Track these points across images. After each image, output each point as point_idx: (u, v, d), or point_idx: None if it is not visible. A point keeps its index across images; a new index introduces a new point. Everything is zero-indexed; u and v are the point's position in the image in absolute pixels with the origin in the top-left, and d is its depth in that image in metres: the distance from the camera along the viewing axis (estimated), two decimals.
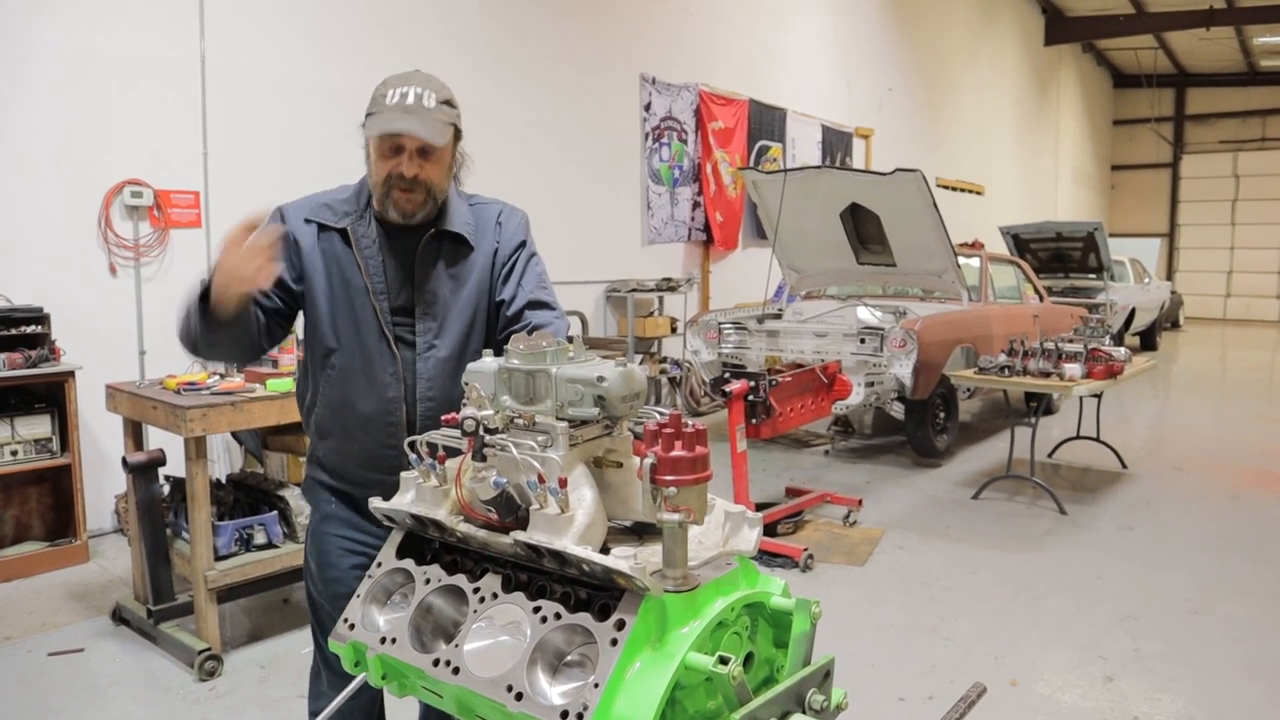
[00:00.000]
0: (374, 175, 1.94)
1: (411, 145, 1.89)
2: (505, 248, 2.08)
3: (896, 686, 3.44)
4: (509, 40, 7.58)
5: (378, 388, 1.94)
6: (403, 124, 1.85)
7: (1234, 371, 13.65)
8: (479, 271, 2.03)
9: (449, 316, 1.98)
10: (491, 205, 2.13)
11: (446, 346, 1.97)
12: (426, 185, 1.93)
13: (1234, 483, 6.53)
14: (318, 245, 1.98)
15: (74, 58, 4.97)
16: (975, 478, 6.47)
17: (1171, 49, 21.62)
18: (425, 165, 1.91)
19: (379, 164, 1.92)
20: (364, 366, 1.95)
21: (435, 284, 1.98)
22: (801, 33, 11.70)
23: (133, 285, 5.28)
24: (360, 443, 1.97)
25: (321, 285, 1.96)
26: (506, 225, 2.10)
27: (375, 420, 1.94)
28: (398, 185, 1.91)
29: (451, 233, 2.01)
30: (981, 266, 7.91)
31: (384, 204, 1.94)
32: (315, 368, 2.01)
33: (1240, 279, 23.05)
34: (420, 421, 1.93)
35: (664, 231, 9.48)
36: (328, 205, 2.01)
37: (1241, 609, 4.21)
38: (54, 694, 3.34)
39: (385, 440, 1.94)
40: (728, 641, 1.22)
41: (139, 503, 3.62)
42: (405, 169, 1.89)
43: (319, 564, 2.06)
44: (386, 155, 1.90)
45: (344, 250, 1.97)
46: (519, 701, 1.15)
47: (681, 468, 1.15)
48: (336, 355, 1.96)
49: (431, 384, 1.96)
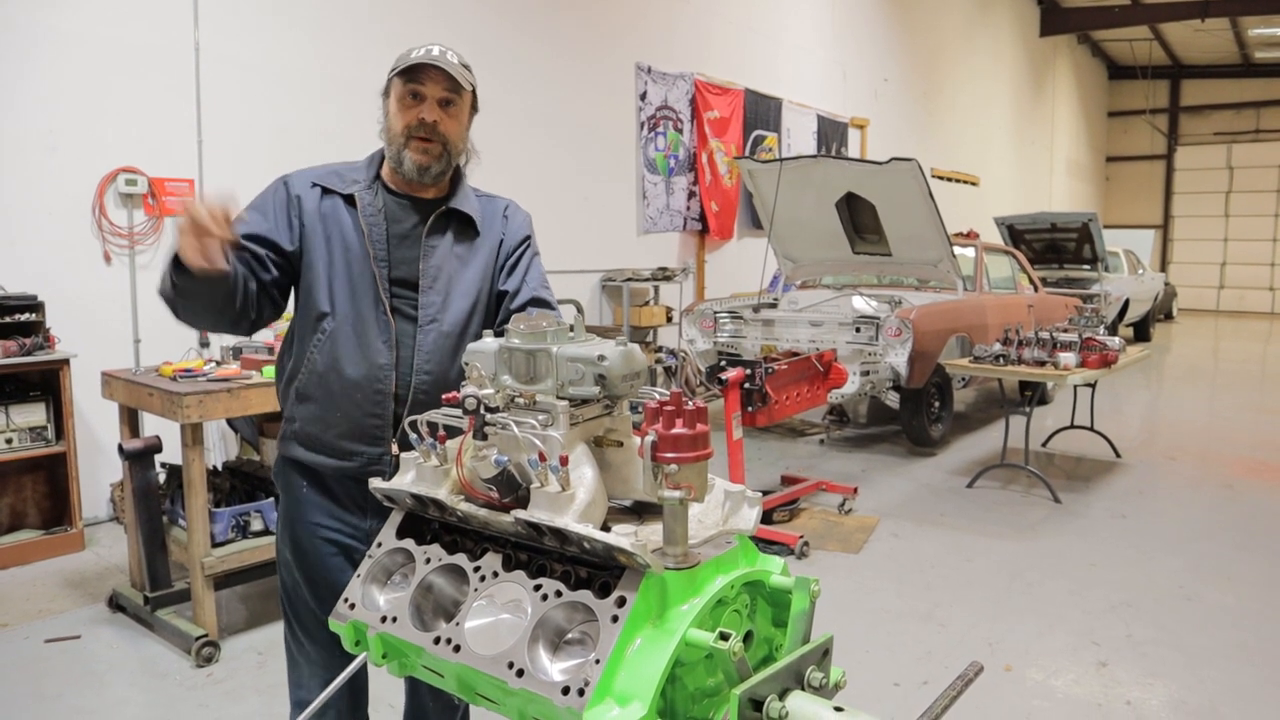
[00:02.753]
0: (392, 130, 1.94)
1: (434, 93, 1.90)
2: (511, 240, 2.09)
3: (891, 672, 3.46)
4: (504, 29, 7.55)
5: (369, 353, 1.91)
6: (429, 60, 1.88)
7: (1227, 362, 13.71)
8: (484, 256, 2.04)
9: (453, 293, 1.97)
10: (498, 199, 2.14)
11: (449, 322, 1.96)
12: (444, 139, 1.93)
13: (1226, 472, 6.57)
14: (320, 208, 1.96)
15: (68, 45, 4.95)
16: (970, 466, 6.49)
17: (1167, 40, 21.62)
18: (445, 117, 1.93)
19: (399, 115, 1.93)
20: (357, 331, 1.92)
21: (441, 259, 1.98)
22: (797, 22, 11.67)
23: (127, 273, 5.27)
24: (344, 409, 1.92)
25: (320, 247, 1.95)
26: (513, 219, 2.12)
27: (363, 386, 1.91)
28: (417, 134, 1.91)
29: (461, 213, 2.02)
30: (977, 256, 7.92)
31: (400, 158, 1.93)
32: (305, 332, 1.96)
33: (1234, 271, 23.11)
34: (413, 394, 1.92)
35: (659, 221, 9.47)
36: (337, 173, 2.01)
37: (1233, 596, 4.24)
38: (51, 680, 3.34)
39: (370, 408, 1.92)
40: (728, 619, 1.23)
41: (135, 490, 3.62)
42: (426, 114, 1.90)
43: (295, 552, 2.03)
44: (408, 105, 1.92)
45: (348, 215, 1.96)
46: (520, 678, 1.15)
47: (683, 445, 1.15)
48: (329, 319, 1.93)
49: (430, 357, 1.94)
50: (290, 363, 2.00)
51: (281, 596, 2.10)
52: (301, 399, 1.97)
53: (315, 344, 1.94)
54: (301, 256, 1.96)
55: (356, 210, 1.96)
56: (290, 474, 2.04)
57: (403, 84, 1.92)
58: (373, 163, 2.03)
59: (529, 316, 1.36)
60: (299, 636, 2.06)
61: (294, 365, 1.98)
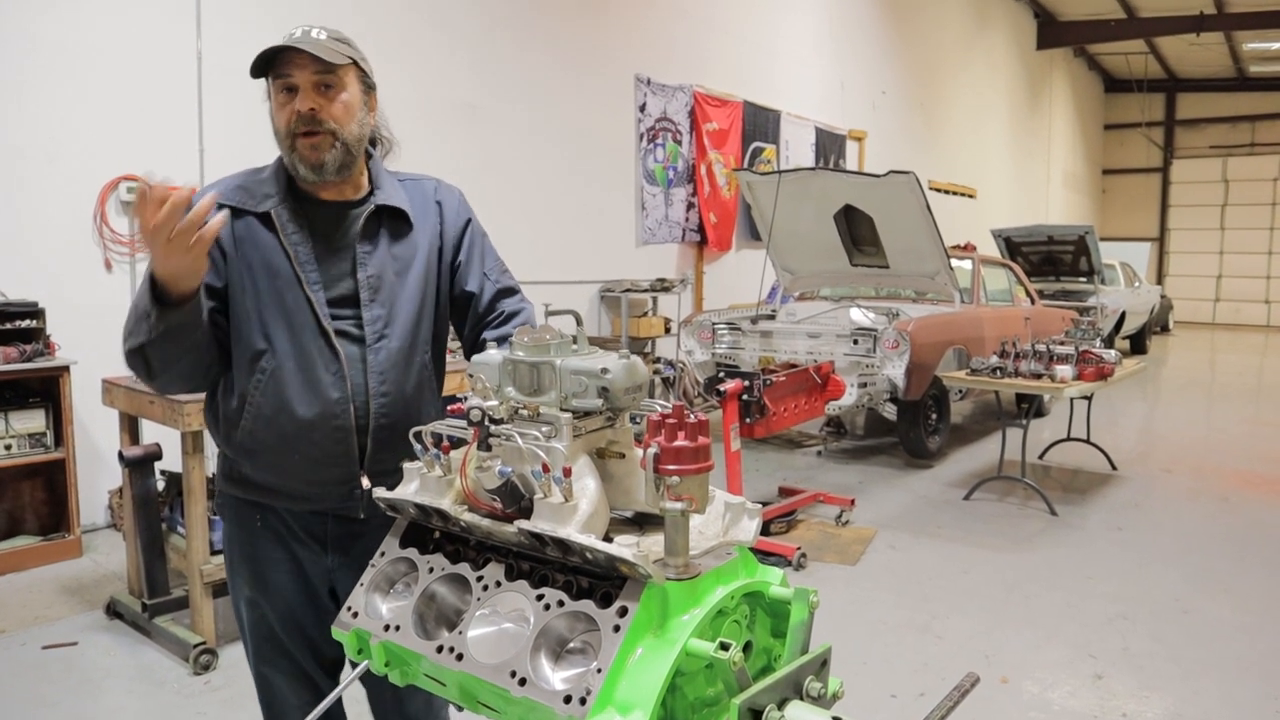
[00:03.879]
0: (277, 134, 1.74)
1: (304, 79, 1.69)
2: (451, 228, 1.91)
3: (888, 684, 3.47)
4: (504, 41, 7.59)
5: (319, 390, 1.73)
6: (288, 44, 1.69)
7: (1223, 375, 13.75)
8: (424, 253, 1.86)
9: (397, 303, 1.80)
10: (424, 180, 1.95)
11: (398, 335, 1.80)
12: (330, 127, 1.71)
13: (1222, 484, 6.59)
14: (234, 233, 1.74)
15: (71, 53, 4.97)
16: (967, 478, 6.51)
17: (1162, 54, 21.75)
18: (323, 102, 1.71)
19: (278, 116, 1.73)
20: (301, 367, 1.73)
21: (379, 267, 1.79)
22: (796, 35, 11.74)
23: (128, 281, 5.28)
24: (301, 452, 1.74)
25: (244, 278, 1.73)
26: (447, 204, 1.93)
27: (319, 425, 1.73)
28: (298, 131, 1.70)
29: (391, 208, 1.82)
30: (974, 269, 7.96)
31: (292, 161, 1.74)
32: (241, 373, 1.75)
33: (1229, 284, 23.20)
34: (374, 420, 1.77)
35: (658, 232, 9.50)
36: (243, 188, 1.78)
37: (1230, 608, 4.25)
38: (48, 687, 3.34)
39: (331, 447, 1.75)
40: (728, 629, 1.24)
41: (135, 497, 3.62)
42: (300, 104, 1.69)
43: (257, 587, 1.87)
44: (282, 102, 1.72)
45: (267, 237, 1.74)
46: (522, 687, 1.16)
47: (684, 457, 1.17)
48: (267, 356, 1.73)
49: (384, 377, 1.78)
50: (227, 406, 1.79)
51: (245, 636, 1.95)
52: (250, 449, 1.78)
53: (255, 385, 1.74)
54: (226, 290, 1.75)
55: (275, 229, 1.74)
56: (239, 510, 1.87)
57: (273, 80, 1.73)
58: (280, 172, 1.81)
59: (533, 329, 1.37)
60: (270, 675, 1.93)
61: (234, 409, 1.77)
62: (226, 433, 1.80)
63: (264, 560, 1.86)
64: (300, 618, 1.88)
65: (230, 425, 1.79)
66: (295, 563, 1.86)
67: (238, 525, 1.89)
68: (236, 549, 1.91)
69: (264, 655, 1.92)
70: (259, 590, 1.88)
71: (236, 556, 1.91)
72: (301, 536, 1.85)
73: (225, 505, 1.91)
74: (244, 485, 1.84)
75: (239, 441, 1.78)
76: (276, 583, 1.86)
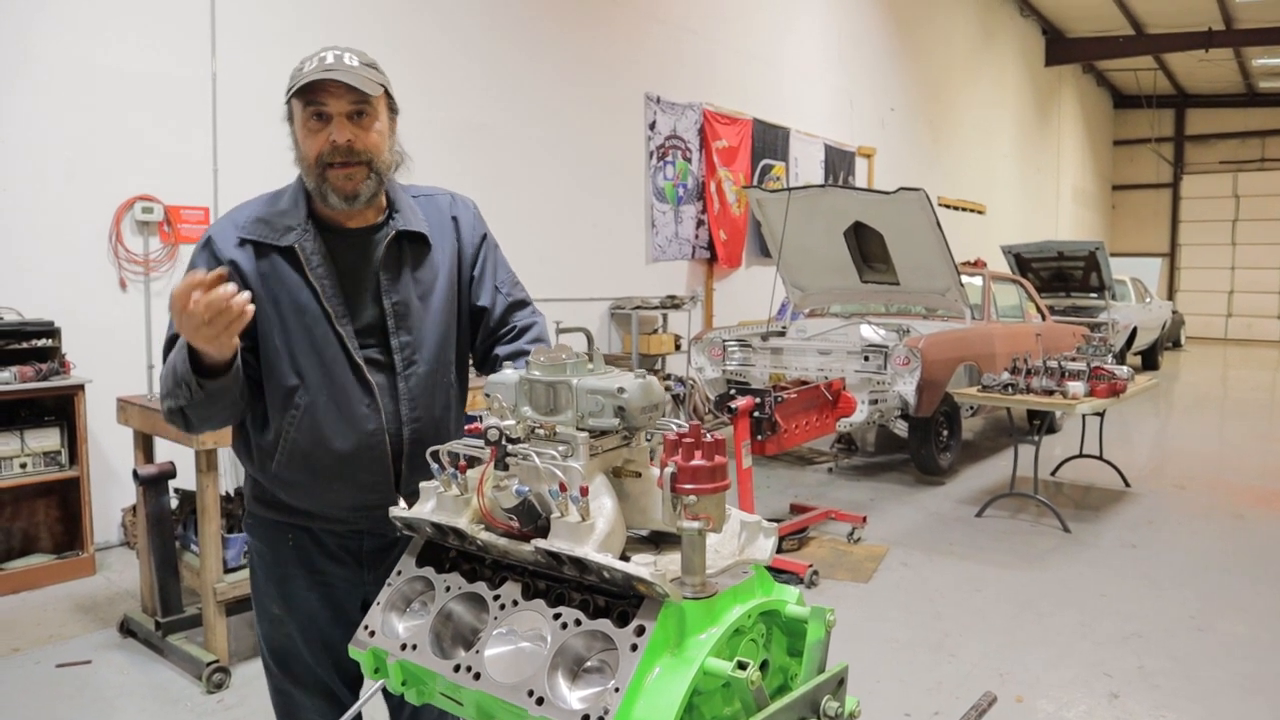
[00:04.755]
0: (305, 160, 1.73)
1: (338, 109, 1.69)
2: (469, 245, 1.92)
3: (902, 703, 3.45)
4: (515, 59, 7.65)
5: (355, 422, 1.75)
6: (325, 73, 1.67)
7: (1236, 391, 13.67)
8: (445, 273, 1.86)
9: (424, 328, 1.82)
10: (438, 195, 1.95)
11: (426, 360, 1.82)
12: (366, 157, 1.71)
13: (1237, 502, 6.54)
14: (258, 270, 1.74)
15: (87, 74, 5.04)
16: (978, 495, 6.48)
17: (1171, 70, 21.76)
18: (359, 132, 1.71)
19: (308, 144, 1.71)
20: (336, 402, 1.74)
21: (404, 294, 1.80)
22: (804, 52, 11.80)
23: (142, 300, 5.32)
24: (341, 481, 1.77)
25: (270, 315, 1.73)
26: (463, 219, 1.93)
27: (357, 458, 1.76)
28: (332, 160, 1.70)
29: (411, 232, 1.82)
30: (984, 285, 7.95)
31: (321, 190, 1.72)
32: (276, 410, 1.76)
33: (1241, 299, 23.09)
34: (408, 445, 1.78)
35: (668, 249, 9.53)
36: (263, 221, 1.77)
37: (1245, 627, 4.22)
38: (62, 705, 3.35)
39: (368, 476, 1.77)
40: (744, 648, 1.24)
41: (149, 515, 3.64)
42: (337, 135, 1.68)
43: (286, 606, 1.88)
44: (313, 129, 1.71)
45: (291, 274, 1.74)
46: (540, 706, 1.16)
47: (701, 476, 1.17)
48: (300, 393, 1.74)
49: (416, 402, 1.80)
50: (261, 438, 1.80)
51: (267, 655, 1.95)
52: (287, 481, 1.80)
53: (290, 420, 1.75)
54: (254, 328, 1.71)
55: (301, 263, 1.74)
56: (271, 528, 1.88)
57: (303, 106, 1.71)
58: (299, 197, 1.79)
59: (548, 349, 1.38)
60: (293, 692, 1.93)
61: (270, 442, 1.78)
62: (261, 463, 1.82)
63: (292, 579, 1.88)
64: (326, 635, 1.89)
65: (265, 457, 1.80)
66: (323, 581, 1.87)
67: (267, 545, 1.90)
68: (264, 568, 1.92)
69: (287, 671, 1.92)
70: (286, 608, 1.89)
71: (263, 576, 1.92)
72: (337, 554, 1.87)
73: (255, 525, 1.92)
74: (277, 508, 1.85)
75: (274, 473, 1.80)
76: (303, 600, 1.87)
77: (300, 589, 1.87)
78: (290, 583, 1.88)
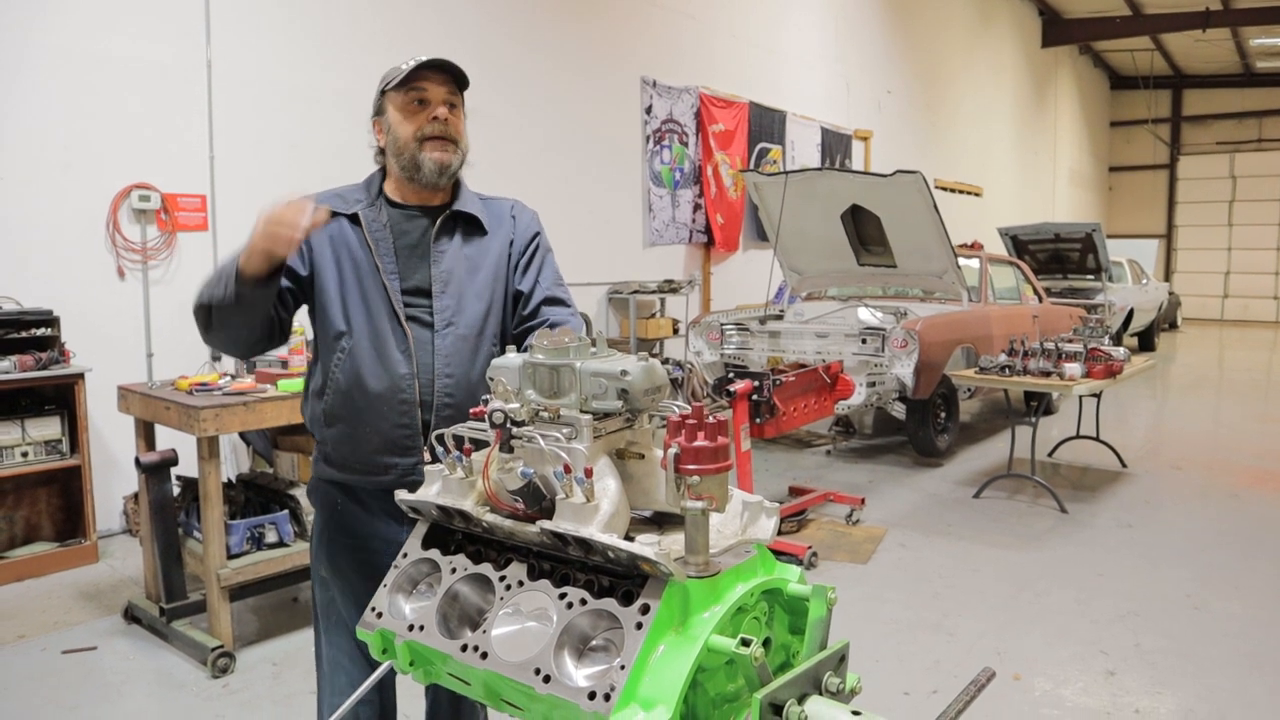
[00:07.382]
0: (400, 140, 1.95)
1: (438, 95, 1.94)
2: (521, 238, 2.10)
3: (901, 681, 3.48)
4: (511, 44, 7.63)
5: (389, 365, 1.93)
6: (432, 60, 1.91)
7: (1232, 372, 13.71)
8: (495, 257, 2.05)
9: (465, 295, 1.99)
10: (503, 200, 2.15)
11: (465, 324, 1.98)
12: (456, 139, 1.97)
13: (1233, 482, 6.58)
14: (326, 230, 1.97)
15: (82, 63, 5.02)
16: (976, 477, 6.51)
17: (1168, 50, 21.70)
18: (453, 119, 1.97)
19: (405, 124, 1.95)
20: (375, 345, 1.94)
21: (451, 263, 2.00)
22: (801, 35, 11.76)
23: (140, 288, 5.32)
24: (372, 424, 1.94)
25: (330, 269, 1.98)
26: (520, 217, 2.13)
27: (387, 398, 1.93)
28: (431, 134, 1.94)
29: (465, 214, 2.03)
30: (981, 267, 7.96)
31: (417, 161, 1.95)
32: (326, 353, 1.99)
33: (1238, 280, 23.12)
34: (437, 398, 1.94)
35: (665, 233, 9.52)
36: (339, 195, 2.03)
37: (1241, 605, 4.26)
38: (68, 691, 3.37)
39: (397, 419, 1.93)
40: (747, 626, 1.26)
41: (152, 502, 3.66)
42: (440, 112, 1.93)
43: (331, 568, 2.05)
44: (412, 111, 1.95)
45: (354, 234, 1.98)
46: (546, 684, 1.18)
47: (704, 457, 1.19)
48: (347, 338, 1.95)
49: (450, 360, 1.96)
50: (315, 384, 2.02)
51: (315, 614, 2.13)
52: (330, 421, 1.98)
53: (336, 363, 1.96)
54: (314, 281, 1.99)
55: (362, 228, 1.98)
56: (325, 492, 2.06)
57: (402, 94, 1.95)
58: (372, 183, 2.05)
59: (551, 332, 1.40)
60: (334, 652, 2.08)
61: (319, 386, 2.00)
62: (313, 409, 2.03)
63: (337, 543, 2.04)
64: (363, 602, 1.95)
65: (316, 399, 2.01)
66: (364, 546, 2.00)
67: (322, 508, 2.08)
68: (317, 533, 2.10)
69: (330, 633, 2.08)
70: (331, 570, 2.06)
71: (316, 540, 2.10)
72: (378, 514, 2.00)
73: (314, 490, 2.10)
74: (329, 464, 2.03)
75: (320, 415, 1.99)
76: (344, 566, 2.03)
77: (340, 554, 2.03)
78: (334, 545, 2.04)
